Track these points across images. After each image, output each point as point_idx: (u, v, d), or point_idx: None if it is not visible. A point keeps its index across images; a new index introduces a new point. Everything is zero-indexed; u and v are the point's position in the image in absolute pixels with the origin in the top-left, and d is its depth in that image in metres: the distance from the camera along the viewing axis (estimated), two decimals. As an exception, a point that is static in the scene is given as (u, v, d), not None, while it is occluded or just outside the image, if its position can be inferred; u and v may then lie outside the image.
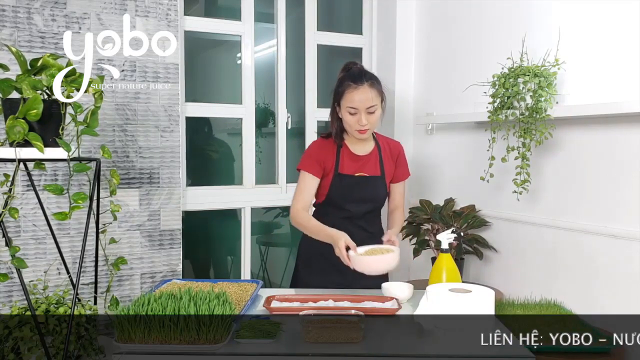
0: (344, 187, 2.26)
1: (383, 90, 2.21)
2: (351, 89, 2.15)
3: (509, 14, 2.84)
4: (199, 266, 3.64)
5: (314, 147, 2.31)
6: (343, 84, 2.18)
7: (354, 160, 2.29)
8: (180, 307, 1.55)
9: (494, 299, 1.72)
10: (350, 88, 2.15)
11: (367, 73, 2.20)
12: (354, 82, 2.15)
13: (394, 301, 1.93)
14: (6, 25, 2.59)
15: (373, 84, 2.17)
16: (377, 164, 2.32)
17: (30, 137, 1.74)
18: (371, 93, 2.15)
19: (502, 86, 2.53)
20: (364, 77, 2.16)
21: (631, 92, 2.26)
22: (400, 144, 2.43)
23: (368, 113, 2.16)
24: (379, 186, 2.31)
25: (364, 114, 2.16)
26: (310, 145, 2.34)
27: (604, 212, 2.40)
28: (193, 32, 3.23)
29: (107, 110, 2.79)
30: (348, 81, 2.17)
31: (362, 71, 2.21)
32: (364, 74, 2.19)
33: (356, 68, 2.24)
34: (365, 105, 2.15)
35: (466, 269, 3.08)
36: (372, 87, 2.16)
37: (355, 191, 2.27)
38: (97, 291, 2.11)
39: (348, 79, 2.18)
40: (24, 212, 2.62)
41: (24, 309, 1.80)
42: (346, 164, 2.27)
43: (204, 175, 3.47)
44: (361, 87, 2.14)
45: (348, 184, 2.26)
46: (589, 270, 2.46)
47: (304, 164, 2.26)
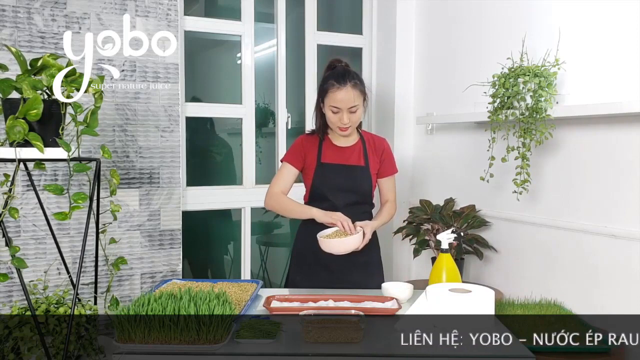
0: (326, 175, 2.30)
1: (366, 90, 2.26)
2: (334, 89, 2.20)
3: (509, 14, 2.84)
4: (199, 266, 3.64)
5: (297, 141, 2.38)
6: (327, 82, 2.24)
7: (337, 151, 2.33)
8: (180, 307, 1.55)
9: (494, 299, 1.72)
10: (333, 87, 2.21)
11: (350, 73, 2.25)
12: (337, 82, 2.21)
13: (394, 301, 1.93)
14: (6, 25, 2.59)
15: (356, 85, 2.22)
16: (362, 155, 2.35)
17: (30, 137, 1.74)
18: (353, 93, 2.20)
19: (502, 86, 2.53)
20: (347, 78, 2.21)
21: (631, 92, 2.26)
22: (385, 140, 2.46)
23: (350, 112, 2.22)
24: (363, 176, 2.32)
25: (345, 112, 2.21)
26: (294, 141, 2.41)
27: (604, 212, 2.40)
28: (193, 32, 3.23)
29: (107, 110, 2.79)
30: (332, 80, 2.22)
31: (346, 71, 2.25)
32: (347, 74, 2.23)
33: (340, 67, 2.28)
34: (347, 105, 2.20)
35: (466, 269, 3.08)
36: (354, 88, 2.21)
37: (337, 180, 2.30)
38: (97, 291, 2.11)
39: (332, 78, 2.23)
40: (24, 212, 2.62)
41: (24, 309, 1.80)
42: (329, 154, 2.32)
43: (204, 175, 3.47)
44: (344, 87, 2.20)
45: (331, 173, 2.30)
46: (589, 270, 2.46)
47: (285, 156, 2.36)
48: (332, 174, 2.30)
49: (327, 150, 2.33)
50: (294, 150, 2.35)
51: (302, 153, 2.33)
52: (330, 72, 2.28)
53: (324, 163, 2.31)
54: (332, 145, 2.35)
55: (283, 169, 2.34)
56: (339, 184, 2.30)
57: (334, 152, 2.33)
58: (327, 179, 2.30)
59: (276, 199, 2.30)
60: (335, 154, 2.33)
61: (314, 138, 2.36)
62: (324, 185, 2.30)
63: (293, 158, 2.33)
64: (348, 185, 2.30)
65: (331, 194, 2.29)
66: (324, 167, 2.31)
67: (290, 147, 2.39)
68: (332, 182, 2.30)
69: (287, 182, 2.33)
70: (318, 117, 2.34)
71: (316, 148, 2.33)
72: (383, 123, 3.63)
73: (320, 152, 2.32)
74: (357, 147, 2.36)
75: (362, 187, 2.32)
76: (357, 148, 2.35)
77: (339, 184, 2.30)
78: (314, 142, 2.35)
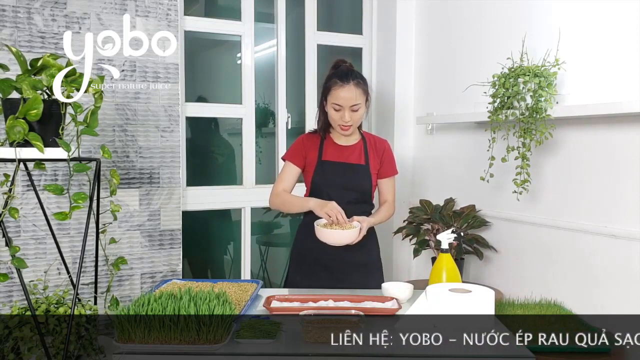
0: (327, 173, 2.31)
1: (368, 90, 2.30)
2: (337, 87, 2.24)
3: (509, 14, 2.84)
4: (199, 266, 3.64)
5: (298, 140, 2.41)
6: (330, 80, 2.28)
7: (338, 150, 2.35)
8: (180, 307, 1.55)
9: (494, 299, 1.72)
10: (336, 85, 2.24)
11: (354, 72, 2.29)
12: (340, 80, 2.24)
13: (394, 301, 1.93)
14: (6, 25, 2.59)
15: (359, 84, 2.25)
16: (362, 154, 2.36)
17: (30, 137, 1.74)
18: (356, 92, 2.24)
19: (502, 86, 2.53)
20: (351, 76, 2.25)
21: (631, 92, 2.26)
22: (387, 141, 2.47)
23: (352, 111, 2.25)
24: (364, 175, 2.33)
25: (347, 111, 2.24)
26: (296, 140, 2.43)
27: (604, 212, 2.40)
28: (193, 32, 3.23)
29: (107, 110, 2.79)
30: (335, 78, 2.26)
31: (349, 70, 2.30)
32: (351, 72, 2.28)
33: (345, 66, 2.32)
34: (349, 103, 2.23)
35: (466, 269, 3.08)
36: (357, 87, 2.25)
37: (338, 178, 2.31)
38: (97, 291, 2.11)
39: (335, 76, 2.27)
40: (24, 212, 2.62)
41: (24, 309, 1.80)
42: (330, 152, 2.34)
43: (204, 175, 3.47)
44: (347, 85, 2.23)
45: (331, 170, 2.31)
46: (589, 270, 2.47)
47: (287, 154, 2.39)
48: (332, 172, 2.31)
49: (328, 148, 2.35)
50: (295, 149, 2.37)
51: (303, 151, 2.35)
52: (334, 70, 2.32)
53: (324, 161, 2.33)
54: (334, 143, 2.36)
55: (285, 168, 2.37)
56: (339, 181, 2.31)
57: (335, 150, 2.35)
58: (328, 176, 2.31)
59: (279, 196, 2.33)
60: (336, 152, 2.35)
61: (316, 137, 2.38)
62: (324, 182, 2.31)
63: (294, 156, 2.36)
64: (348, 183, 2.31)
65: (331, 191, 2.29)
66: (325, 165, 2.32)
67: (291, 145, 2.41)
68: (332, 179, 2.31)
69: (289, 181, 2.35)
70: (321, 116, 2.36)
71: (317, 146, 2.35)
72: (383, 123, 3.63)
73: (321, 150, 2.34)
74: (358, 146, 2.37)
75: (362, 185, 2.33)
76: (358, 147, 2.37)
77: (339, 182, 2.31)
78: (316, 141, 2.36)
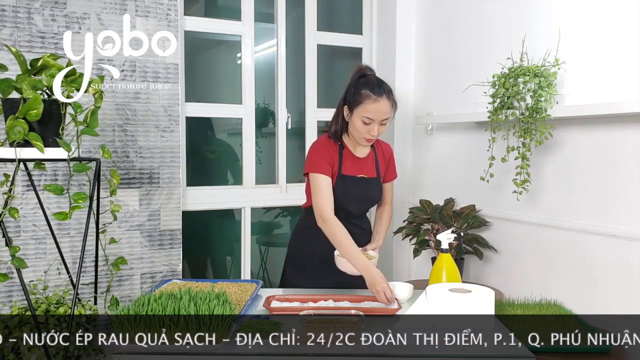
0: (347, 188, 2.27)
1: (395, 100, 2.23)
2: (371, 100, 2.14)
3: (509, 14, 2.84)
4: (199, 266, 3.64)
5: (319, 149, 2.28)
6: (361, 92, 2.16)
7: (355, 162, 2.31)
8: (180, 307, 1.55)
9: (494, 299, 1.72)
10: (370, 99, 2.14)
11: (384, 84, 2.20)
12: (373, 94, 2.15)
13: (394, 301, 1.93)
14: (6, 25, 2.59)
15: (390, 96, 2.18)
16: (374, 166, 2.36)
17: (30, 137, 1.74)
18: (389, 106, 2.17)
19: (502, 86, 2.53)
20: (383, 89, 2.17)
21: (631, 92, 2.26)
22: (390, 146, 2.48)
23: (381, 124, 2.18)
24: (376, 188, 2.36)
25: (377, 124, 2.17)
26: (315, 146, 2.32)
27: (604, 212, 2.40)
28: (193, 32, 3.23)
29: (107, 110, 2.79)
30: (367, 91, 2.15)
31: (380, 81, 2.20)
32: (382, 84, 2.19)
33: (374, 77, 2.22)
34: (381, 117, 2.16)
35: (466, 269, 3.08)
36: (389, 100, 2.17)
37: (356, 192, 2.30)
38: (97, 291, 2.11)
39: (367, 88, 2.16)
40: (24, 212, 2.62)
41: (24, 309, 1.80)
42: (348, 165, 2.30)
43: (204, 175, 3.47)
44: (381, 99, 2.15)
45: (351, 185, 2.28)
46: (589, 270, 2.46)
47: (315, 167, 2.24)
48: (352, 187, 2.29)
49: (346, 161, 2.29)
50: (322, 159, 2.24)
51: (330, 162, 2.25)
52: (363, 80, 2.20)
53: (344, 175, 2.28)
54: (351, 155, 2.30)
55: (320, 182, 2.21)
56: (355, 195, 2.30)
57: (352, 163, 2.30)
58: (347, 191, 2.27)
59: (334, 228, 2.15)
60: (354, 165, 2.30)
61: (333, 145, 2.29)
62: (343, 197, 2.26)
63: (325, 169, 2.23)
64: (363, 196, 2.32)
65: (350, 206, 2.30)
66: (345, 180, 2.28)
67: (313, 156, 2.27)
68: (352, 194, 2.29)
69: (330, 195, 2.22)
70: (338, 122, 2.26)
71: (337, 158, 2.27)
72: (383, 123, 3.62)
73: (341, 162, 2.28)
74: (370, 158, 2.35)
75: (375, 197, 2.37)
76: (370, 159, 2.35)
77: (356, 196, 2.30)
78: (335, 150, 2.28)
